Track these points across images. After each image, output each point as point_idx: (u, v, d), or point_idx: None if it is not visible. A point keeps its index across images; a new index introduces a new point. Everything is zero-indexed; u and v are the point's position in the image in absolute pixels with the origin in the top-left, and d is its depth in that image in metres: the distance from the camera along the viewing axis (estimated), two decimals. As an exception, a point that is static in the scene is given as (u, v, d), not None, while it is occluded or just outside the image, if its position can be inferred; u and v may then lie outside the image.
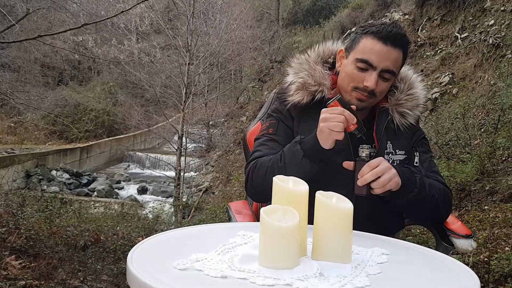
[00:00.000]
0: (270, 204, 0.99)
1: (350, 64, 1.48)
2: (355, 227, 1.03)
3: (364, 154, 1.34)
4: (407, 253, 1.15)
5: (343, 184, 1.34)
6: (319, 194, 1.01)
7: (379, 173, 1.29)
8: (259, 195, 1.54)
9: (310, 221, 1.04)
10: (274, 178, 1.06)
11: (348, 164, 1.38)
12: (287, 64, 1.66)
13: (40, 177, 12.62)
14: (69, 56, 19.97)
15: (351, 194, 1.24)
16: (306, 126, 1.52)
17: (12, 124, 16.40)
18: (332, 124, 1.33)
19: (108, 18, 7.10)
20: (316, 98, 1.53)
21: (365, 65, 1.44)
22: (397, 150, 1.51)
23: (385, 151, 1.50)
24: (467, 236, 1.50)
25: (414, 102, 1.54)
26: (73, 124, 15.65)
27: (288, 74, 1.63)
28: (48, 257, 3.39)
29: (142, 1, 5.94)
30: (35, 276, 3.12)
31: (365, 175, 1.30)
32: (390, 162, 1.42)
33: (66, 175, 13.42)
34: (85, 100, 18.62)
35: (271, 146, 1.53)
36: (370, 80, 1.43)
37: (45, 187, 11.72)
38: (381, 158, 1.34)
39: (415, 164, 1.51)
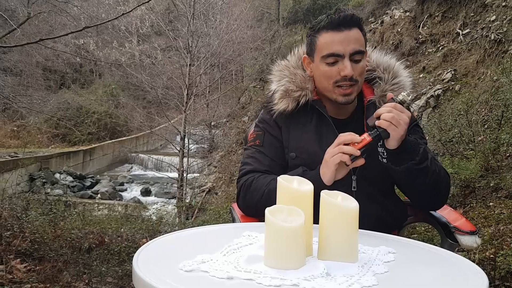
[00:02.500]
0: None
1: (319, 65, 1.49)
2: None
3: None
4: (413, 252, 1.14)
5: (342, 183, 1.39)
6: (324, 194, 1.00)
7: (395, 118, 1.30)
8: (250, 213, 1.56)
9: (315, 220, 1.04)
10: (278, 178, 1.07)
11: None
12: (269, 72, 1.67)
13: (44, 180, 12.68)
14: (70, 59, 20.02)
15: (350, 192, 1.27)
16: (296, 133, 1.54)
17: (15, 128, 16.46)
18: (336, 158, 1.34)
19: (109, 21, 7.11)
20: (300, 103, 1.53)
21: (333, 58, 1.45)
22: None
23: (379, 143, 1.49)
24: (471, 233, 1.49)
25: (400, 91, 1.51)
26: (75, 127, 15.69)
27: (271, 82, 1.62)
28: (53, 260, 3.40)
29: (143, 3, 5.94)
30: (40, 279, 3.12)
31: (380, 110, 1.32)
32: (384, 154, 1.42)
33: (70, 178, 13.47)
34: (87, 103, 18.67)
35: (259, 158, 1.56)
36: (345, 68, 1.44)
37: (48, 190, 11.76)
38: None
39: None
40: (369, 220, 1.36)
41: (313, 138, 1.52)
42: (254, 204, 1.48)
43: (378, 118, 1.32)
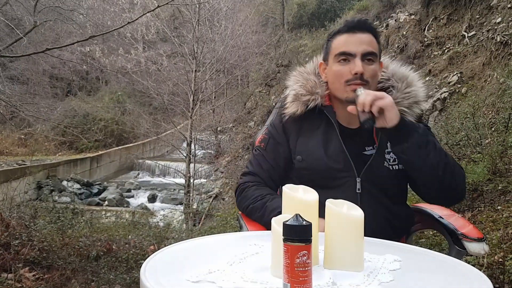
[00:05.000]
0: None
1: (332, 65, 1.55)
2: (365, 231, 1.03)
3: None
4: (419, 259, 1.14)
5: (348, 184, 1.50)
6: (330, 203, 1.00)
7: (377, 94, 1.39)
8: (243, 213, 1.68)
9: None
10: (284, 187, 1.09)
11: (352, 108, 1.45)
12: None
13: (51, 188, 12.74)
14: (77, 67, 20.12)
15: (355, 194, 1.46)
16: (304, 138, 1.60)
17: (23, 136, 16.56)
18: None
19: (115, 30, 7.15)
20: (309, 107, 1.58)
21: (346, 56, 1.51)
22: None
23: (386, 150, 1.53)
24: (479, 240, 1.48)
25: (411, 100, 1.56)
26: (82, 134, 15.75)
27: (287, 87, 1.70)
28: (62, 268, 3.41)
29: (148, 12, 5.98)
30: (49, 287, 3.14)
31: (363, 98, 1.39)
32: (391, 161, 1.51)
33: (77, 185, 13.51)
34: (94, 110, 18.77)
35: (260, 162, 1.67)
36: (356, 66, 1.48)
37: (56, 197, 11.83)
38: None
39: None
40: (375, 223, 1.38)
41: (320, 143, 1.56)
42: (242, 208, 1.64)
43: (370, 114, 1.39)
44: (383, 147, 1.54)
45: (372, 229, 1.22)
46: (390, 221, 1.53)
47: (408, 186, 1.65)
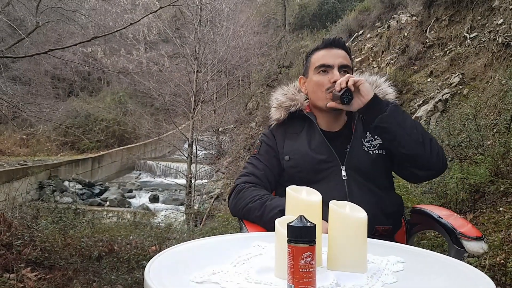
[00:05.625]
0: None
1: (313, 76, 1.75)
2: None
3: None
4: (422, 261, 1.15)
5: (334, 173, 1.63)
6: (333, 204, 1.01)
7: (349, 75, 1.63)
8: (235, 215, 1.75)
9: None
10: (287, 188, 1.09)
11: (332, 104, 1.67)
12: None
13: (53, 188, 12.75)
14: (79, 68, 20.17)
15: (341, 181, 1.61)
16: (289, 140, 1.76)
17: (24, 137, 16.60)
18: None
19: (117, 31, 7.17)
20: (291, 110, 1.78)
21: (325, 68, 1.72)
22: (375, 137, 1.70)
23: (364, 139, 1.70)
24: (477, 238, 1.49)
25: (381, 95, 1.73)
26: (84, 135, 15.77)
27: (271, 106, 1.88)
28: (63, 268, 3.42)
29: (151, 13, 5.99)
30: (51, 287, 3.14)
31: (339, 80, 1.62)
32: (370, 147, 1.68)
33: (79, 186, 13.53)
34: (96, 111, 18.80)
35: (255, 163, 1.78)
36: (334, 75, 1.69)
37: (58, 198, 11.85)
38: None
39: None
40: (364, 208, 1.42)
41: (305, 141, 1.73)
42: (238, 210, 1.68)
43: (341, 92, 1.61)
44: (360, 133, 1.71)
45: None
46: (379, 205, 1.62)
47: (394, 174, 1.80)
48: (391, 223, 1.66)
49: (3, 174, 11.36)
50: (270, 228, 1.51)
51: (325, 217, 1.04)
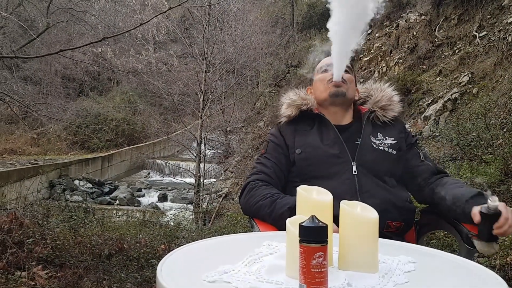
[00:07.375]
0: None
1: (317, 77, 1.86)
2: None
3: (494, 205, 1.45)
4: (433, 261, 1.15)
5: (345, 168, 1.66)
6: (344, 204, 1.01)
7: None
8: (246, 212, 1.77)
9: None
10: (298, 188, 1.10)
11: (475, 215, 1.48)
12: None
13: (64, 187, 12.86)
14: (89, 68, 20.33)
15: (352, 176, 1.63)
16: (300, 136, 1.80)
17: (35, 136, 16.75)
18: None
19: (127, 31, 7.21)
20: (302, 109, 1.83)
21: (325, 68, 1.83)
22: (387, 137, 1.76)
23: (376, 138, 1.75)
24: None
25: (386, 97, 1.84)
26: (94, 134, 15.90)
27: (281, 105, 1.94)
28: (74, 266, 3.44)
29: (160, 14, 6.02)
30: (61, 285, 3.17)
31: (504, 228, 1.42)
32: (382, 146, 1.73)
33: (89, 184, 13.63)
34: (105, 110, 18.91)
35: (264, 162, 1.82)
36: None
37: (68, 196, 11.94)
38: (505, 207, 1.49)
39: (421, 159, 1.78)
40: (376, 202, 1.49)
41: (316, 137, 1.77)
42: (249, 207, 1.71)
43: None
44: (370, 131, 1.76)
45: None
46: (390, 200, 1.64)
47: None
48: (403, 219, 1.66)
49: (15, 173, 11.47)
50: (279, 224, 1.53)
51: (336, 212, 1.05)
